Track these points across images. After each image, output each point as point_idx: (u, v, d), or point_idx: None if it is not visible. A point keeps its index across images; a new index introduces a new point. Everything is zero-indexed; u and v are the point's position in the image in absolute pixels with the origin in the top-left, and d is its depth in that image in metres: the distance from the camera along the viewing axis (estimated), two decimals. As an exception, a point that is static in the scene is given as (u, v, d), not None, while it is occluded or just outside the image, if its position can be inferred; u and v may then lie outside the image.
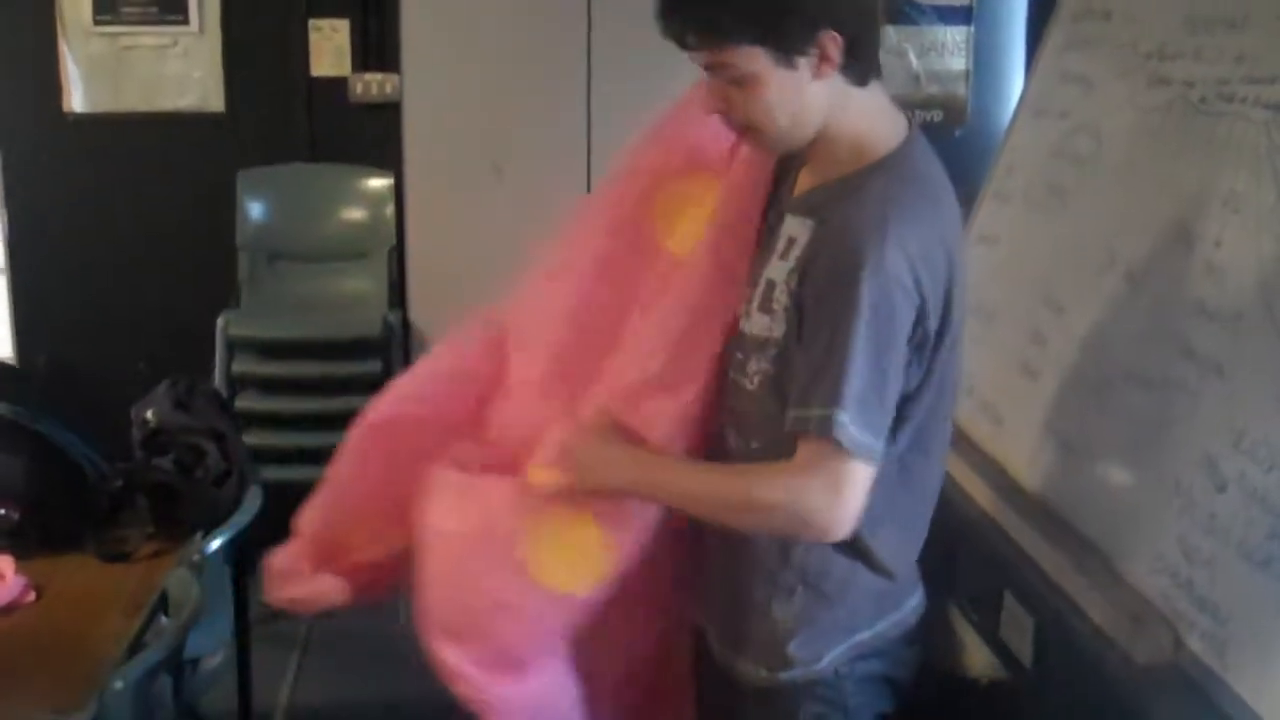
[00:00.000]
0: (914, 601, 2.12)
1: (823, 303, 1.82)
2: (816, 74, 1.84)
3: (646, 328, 2.07)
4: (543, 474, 2.01)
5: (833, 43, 1.82)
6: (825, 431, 1.77)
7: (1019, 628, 2.40)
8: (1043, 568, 2.36)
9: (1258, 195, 2.11)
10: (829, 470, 1.79)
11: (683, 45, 1.86)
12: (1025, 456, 2.64)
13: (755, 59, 1.82)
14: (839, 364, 1.77)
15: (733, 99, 1.88)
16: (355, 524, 2.26)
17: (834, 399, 1.77)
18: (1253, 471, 1.94)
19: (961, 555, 2.16)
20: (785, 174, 2.07)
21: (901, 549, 2.05)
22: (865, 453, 1.79)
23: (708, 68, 1.88)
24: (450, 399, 2.27)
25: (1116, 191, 2.61)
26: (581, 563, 2.00)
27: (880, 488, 1.87)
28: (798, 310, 1.86)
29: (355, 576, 2.24)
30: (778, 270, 1.92)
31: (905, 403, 1.88)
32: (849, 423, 1.76)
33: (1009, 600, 2.44)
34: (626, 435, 2.00)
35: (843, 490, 1.79)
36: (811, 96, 1.86)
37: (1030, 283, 2.82)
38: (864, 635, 2.03)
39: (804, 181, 2.00)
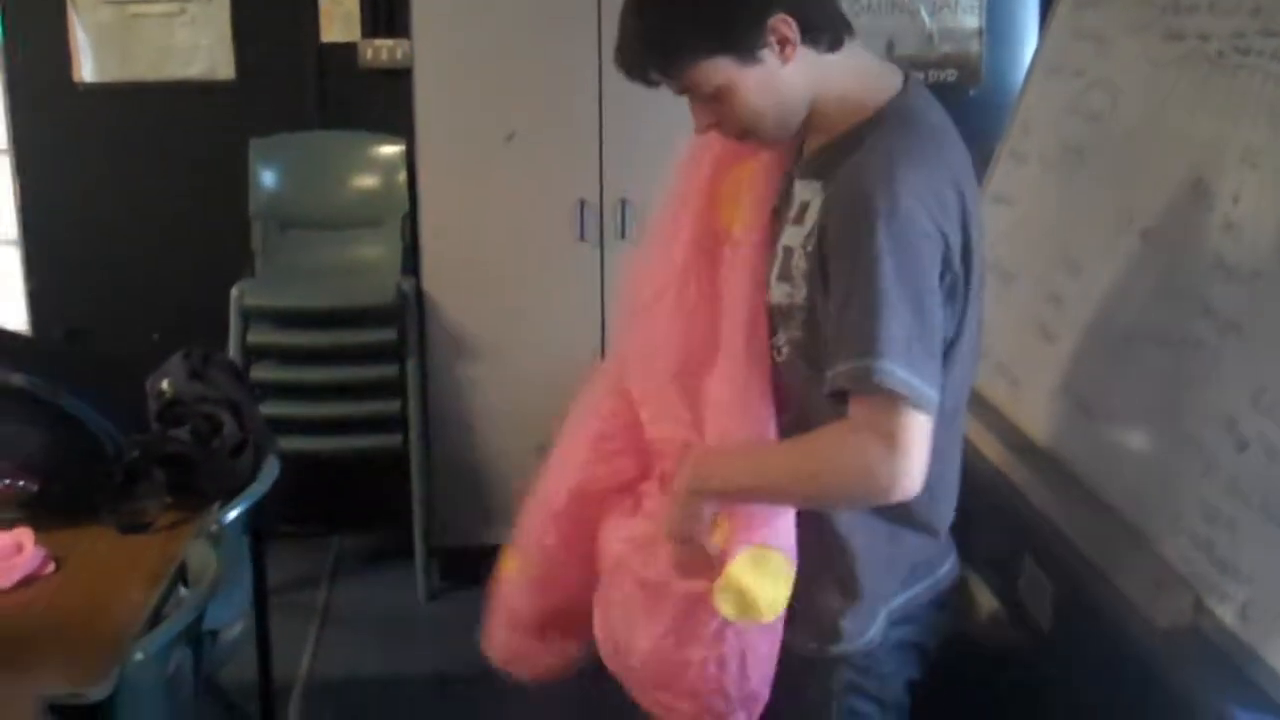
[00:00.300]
0: (948, 566, 2.11)
1: (842, 257, 1.80)
2: (783, 59, 1.85)
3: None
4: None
5: (785, 25, 1.82)
6: (867, 382, 1.74)
7: (1038, 591, 2.39)
8: (1062, 531, 2.35)
9: (1276, 150, 2.09)
10: (881, 424, 1.75)
11: (648, 83, 1.89)
12: (1043, 418, 2.63)
13: (719, 70, 1.84)
14: (869, 313, 1.74)
15: (718, 113, 1.90)
16: (573, 597, 2.24)
17: (870, 348, 1.73)
18: (1273, 431, 1.93)
19: (979, 518, 2.14)
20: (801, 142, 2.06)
21: (942, 504, 2.04)
22: (918, 397, 1.75)
23: (682, 93, 1.90)
24: (609, 457, 2.24)
25: (1133, 149, 2.58)
26: (775, 584, 1.98)
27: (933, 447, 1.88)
28: (821, 272, 1.84)
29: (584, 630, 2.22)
30: (793, 236, 1.92)
31: (946, 350, 1.86)
32: (896, 369, 1.73)
33: (1028, 564, 2.43)
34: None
35: (899, 442, 1.75)
36: (788, 81, 1.87)
37: (1046, 243, 2.80)
38: (898, 601, 2.03)
39: (808, 144, 2.00)
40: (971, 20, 4.80)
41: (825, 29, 1.87)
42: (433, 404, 4.44)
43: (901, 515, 1.94)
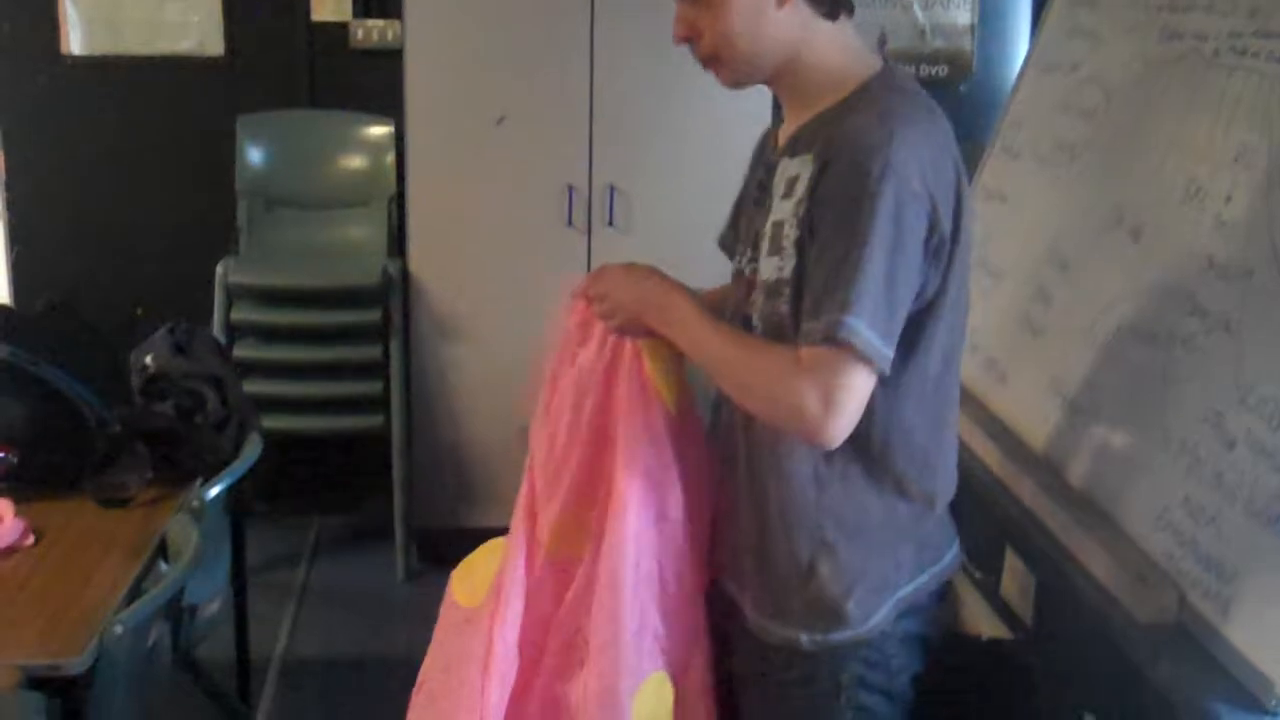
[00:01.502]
0: (951, 554, 2.11)
1: (837, 212, 1.80)
2: (780, 1, 1.86)
3: None
4: None
5: None
6: (833, 334, 1.75)
7: (1021, 586, 2.39)
8: (1046, 525, 2.35)
9: (1269, 150, 2.09)
10: (826, 377, 1.77)
11: None
12: (1030, 413, 2.63)
13: None
14: (853, 270, 1.75)
15: (698, 23, 1.90)
16: None
17: (845, 304, 1.75)
18: (1260, 429, 1.93)
19: (964, 512, 2.14)
20: (764, 148, 2.10)
21: (940, 473, 2.03)
22: (877, 355, 1.77)
23: None
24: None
25: (1125, 147, 2.59)
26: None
27: (919, 413, 1.92)
28: (810, 233, 1.84)
29: None
30: (782, 210, 1.90)
31: (927, 317, 1.87)
32: (862, 326, 1.75)
33: (1011, 558, 2.44)
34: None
35: (837, 400, 1.77)
36: (774, 24, 1.87)
37: (1036, 239, 2.80)
38: (905, 590, 2.01)
39: (789, 127, 1.99)
40: (964, 16, 4.82)
41: None
42: (415, 385, 4.44)
43: (896, 485, 1.95)
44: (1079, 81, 2.84)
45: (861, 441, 1.89)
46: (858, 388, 1.79)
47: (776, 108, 2.09)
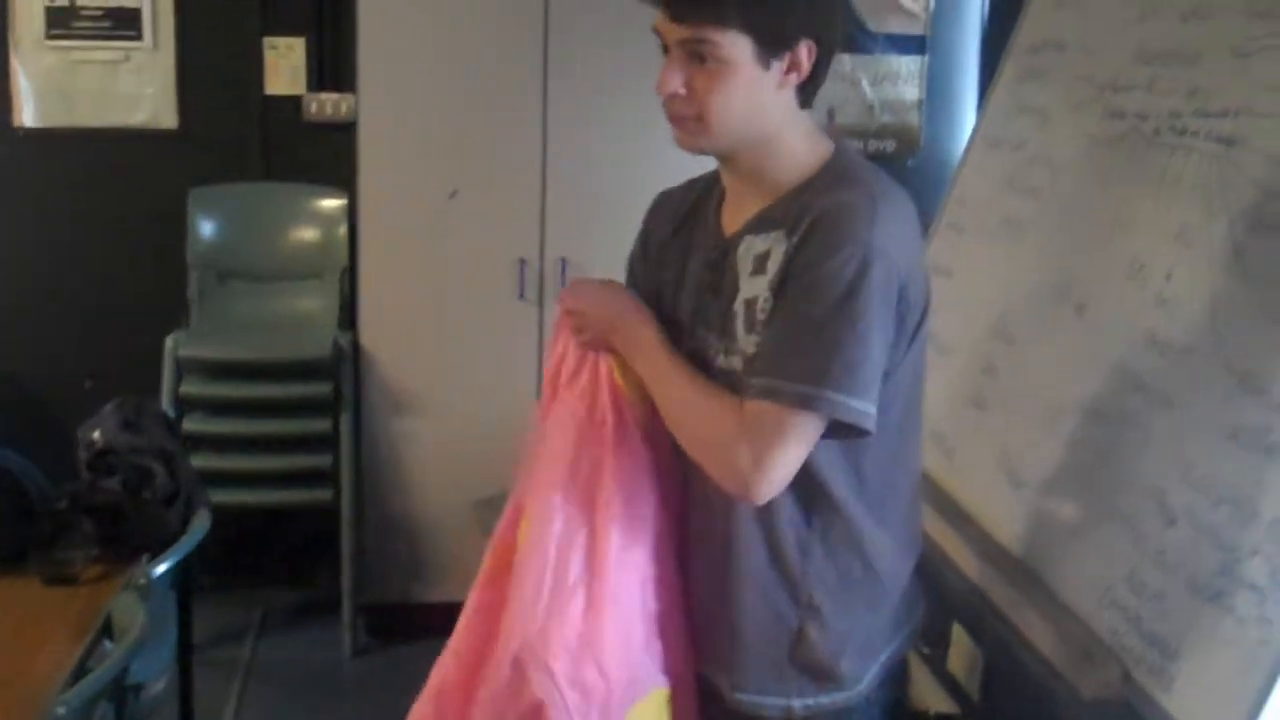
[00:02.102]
0: (921, 610, 2.12)
1: (816, 282, 1.80)
2: (782, 81, 1.87)
3: None
4: None
5: (808, 53, 1.85)
6: (808, 407, 1.77)
7: (968, 661, 2.40)
8: (992, 600, 2.36)
9: (1209, 229, 2.13)
10: (767, 433, 1.79)
11: (671, 15, 1.86)
12: (976, 488, 2.64)
13: (737, 47, 1.83)
14: (833, 344, 1.77)
15: (694, 83, 1.87)
16: None
17: (825, 379, 1.76)
18: (1201, 505, 1.95)
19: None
20: (681, 230, 2.10)
21: (906, 531, 2.04)
22: (864, 420, 1.79)
23: (682, 43, 1.86)
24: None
25: (1069, 223, 2.62)
26: None
27: (881, 486, 1.93)
28: (781, 300, 1.85)
29: None
30: (754, 286, 1.90)
31: (892, 377, 1.88)
32: (846, 398, 1.77)
33: (958, 633, 2.44)
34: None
35: (771, 456, 1.79)
36: (770, 103, 1.88)
37: (983, 314, 2.83)
38: (889, 651, 2.03)
39: (744, 208, 1.98)
40: (911, 92, 4.87)
41: (816, 83, 1.91)
42: (366, 459, 4.41)
43: (872, 543, 1.96)
44: (1024, 159, 2.88)
45: (835, 501, 1.91)
46: (797, 454, 1.81)
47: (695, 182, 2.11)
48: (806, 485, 1.89)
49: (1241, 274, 2.01)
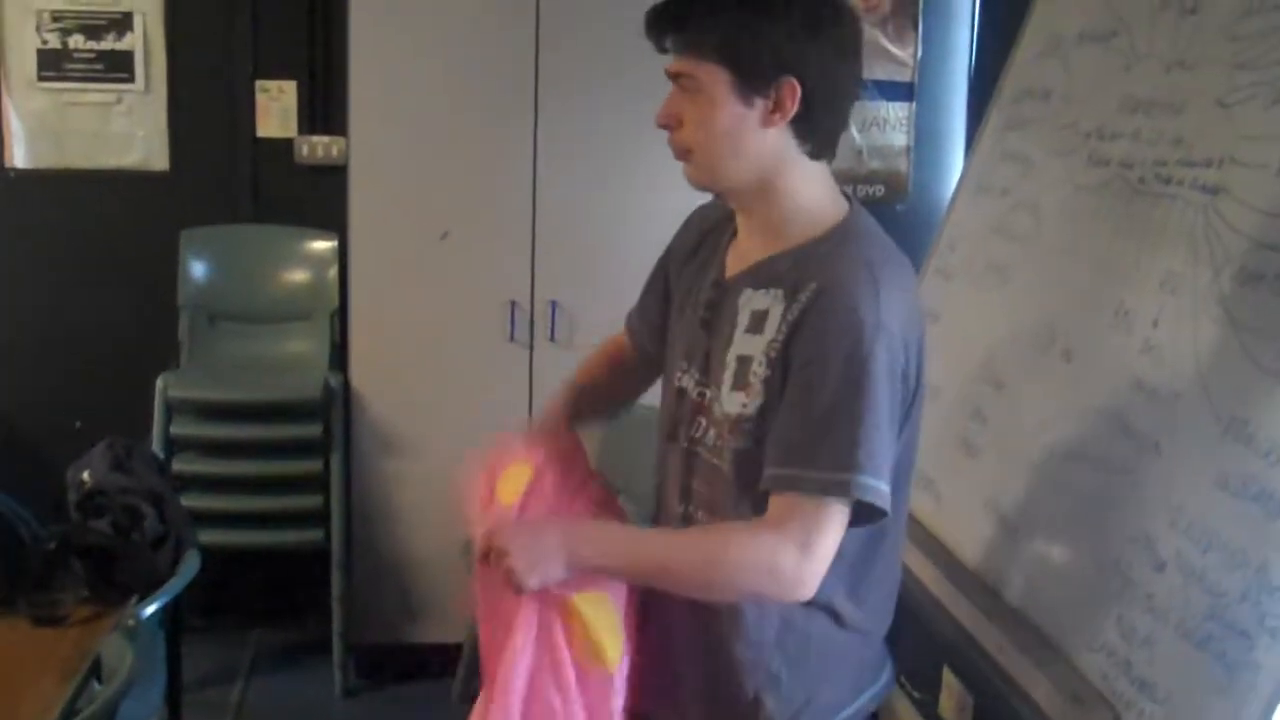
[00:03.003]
0: (887, 674, 2.11)
1: (826, 365, 1.81)
2: (766, 120, 1.87)
3: None
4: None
5: (790, 93, 1.84)
6: (840, 489, 1.77)
7: (959, 706, 2.41)
8: (983, 645, 2.37)
9: (1195, 276, 2.15)
10: (806, 524, 1.78)
11: (660, 47, 1.90)
12: (965, 533, 2.66)
13: (718, 80, 1.85)
14: (852, 428, 1.78)
15: (684, 114, 1.90)
16: None
17: (850, 463, 1.77)
18: (1190, 551, 1.97)
19: (901, 630, 2.16)
20: (710, 245, 2.09)
21: (878, 605, 2.03)
22: (886, 502, 1.79)
23: (674, 75, 1.90)
24: None
25: (1056, 270, 2.64)
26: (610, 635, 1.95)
27: (855, 553, 1.90)
28: (781, 377, 1.85)
29: None
30: (749, 345, 1.91)
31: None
32: (873, 481, 1.78)
33: (949, 677, 2.45)
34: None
35: (815, 548, 1.79)
36: (757, 141, 1.88)
37: (971, 359, 2.85)
38: (847, 712, 2.02)
39: (748, 252, 1.99)
40: (900, 138, 4.91)
41: (817, 133, 1.90)
42: (356, 500, 4.42)
43: (834, 616, 1.95)
44: (1010, 205, 2.91)
45: None
46: (832, 535, 1.80)
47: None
48: None
49: (1227, 321, 2.03)
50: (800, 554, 1.78)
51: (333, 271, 4.69)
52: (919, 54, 4.89)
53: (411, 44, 4.28)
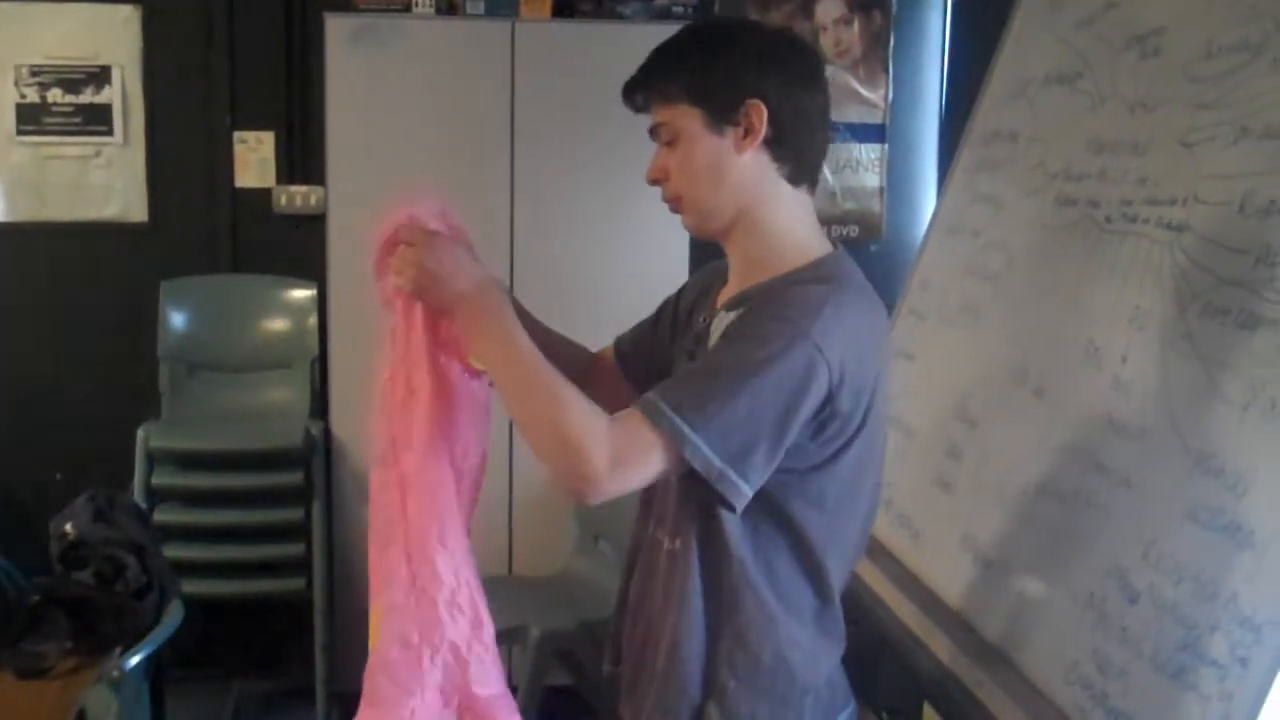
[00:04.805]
0: (848, 712, 2.10)
1: (732, 340, 1.85)
2: (740, 146, 1.92)
3: None
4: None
5: (757, 113, 1.90)
6: (673, 437, 1.77)
7: (938, 740, 2.43)
8: (962, 680, 2.39)
9: (1162, 312, 2.18)
10: (626, 439, 1.78)
11: (634, 106, 1.98)
12: (942, 569, 2.68)
13: (689, 119, 1.93)
14: (714, 389, 1.78)
15: (669, 166, 1.96)
16: None
17: (692, 414, 1.77)
18: (1162, 583, 1.99)
19: (881, 666, 2.18)
20: (706, 294, 2.13)
21: (826, 626, 2.02)
22: (730, 489, 1.79)
23: (653, 130, 1.98)
24: None
25: (1027, 308, 2.68)
26: None
27: (791, 561, 1.93)
28: None
29: None
30: None
31: (815, 478, 1.89)
32: (707, 450, 1.77)
33: (928, 712, 2.47)
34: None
35: (623, 462, 1.77)
36: (737, 169, 1.93)
37: (945, 397, 2.88)
38: None
39: (733, 287, 2.04)
40: (872, 179, 4.97)
41: (793, 153, 1.95)
42: (338, 548, 4.43)
43: (787, 635, 1.96)
44: (981, 245, 2.95)
45: (745, 584, 1.92)
46: (648, 475, 1.81)
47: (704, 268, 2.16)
48: (717, 561, 1.92)
49: (1194, 356, 2.07)
50: (608, 462, 1.76)
51: (312, 320, 4.71)
52: (890, 96, 4.96)
53: (387, 94, 4.33)
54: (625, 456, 1.78)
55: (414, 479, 2.09)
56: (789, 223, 1.98)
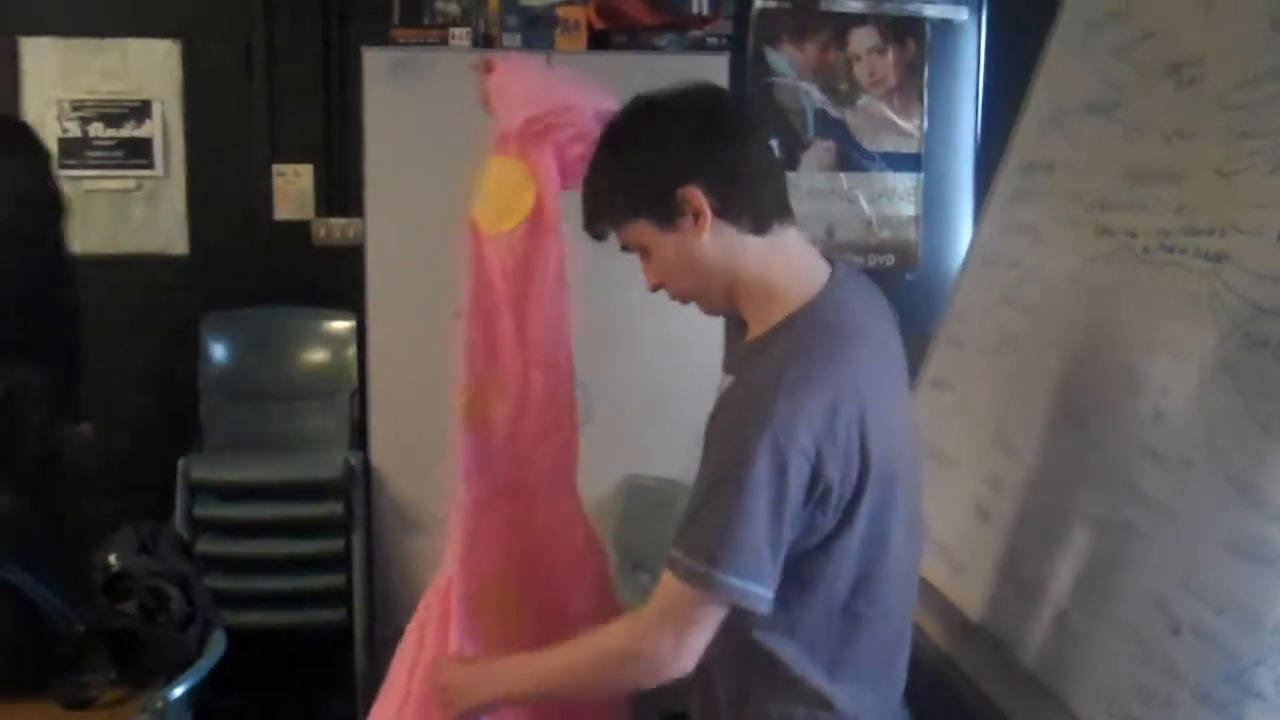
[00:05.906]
0: None
1: (719, 448, 1.87)
2: (696, 230, 1.94)
3: None
4: None
5: (695, 197, 1.92)
6: (702, 586, 1.83)
7: (980, 772, 2.42)
8: (1003, 711, 2.38)
9: (1201, 344, 2.17)
10: (673, 607, 1.88)
11: (598, 238, 2.06)
12: (982, 599, 2.67)
13: (643, 231, 1.98)
14: (723, 520, 1.82)
15: (655, 273, 2.02)
16: None
17: (714, 556, 1.82)
18: (1205, 614, 1.98)
19: (919, 697, 2.18)
20: None
21: (866, 701, 2.03)
22: (747, 599, 1.84)
23: (625, 249, 2.05)
24: None
25: (1066, 339, 2.67)
26: None
27: (829, 639, 1.95)
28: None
29: None
30: None
31: (824, 553, 1.91)
32: (731, 579, 1.82)
33: (970, 744, 2.46)
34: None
35: (688, 634, 1.87)
36: (705, 251, 1.95)
37: (984, 427, 2.88)
38: None
39: (743, 341, 2.07)
40: (909, 208, 4.98)
41: (745, 209, 1.95)
42: (378, 579, 4.44)
43: (823, 705, 1.98)
44: (1018, 276, 2.94)
45: (773, 657, 1.95)
46: (709, 626, 1.88)
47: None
48: (740, 646, 1.95)
49: (1234, 387, 2.06)
50: (675, 646, 1.88)
51: (351, 351, 4.74)
52: (925, 125, 4.96)
53: (425, 126, 4.35)
54: (679, 626, 1.88)
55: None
56: (771, 275, 1.99)
